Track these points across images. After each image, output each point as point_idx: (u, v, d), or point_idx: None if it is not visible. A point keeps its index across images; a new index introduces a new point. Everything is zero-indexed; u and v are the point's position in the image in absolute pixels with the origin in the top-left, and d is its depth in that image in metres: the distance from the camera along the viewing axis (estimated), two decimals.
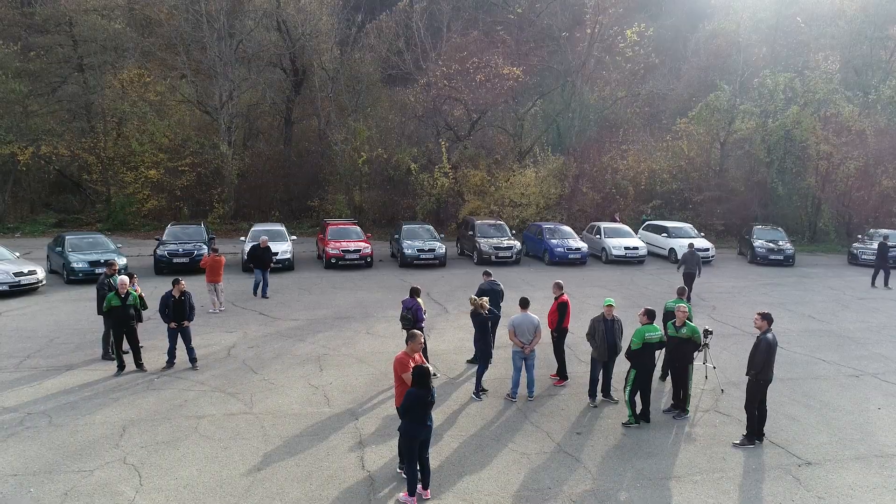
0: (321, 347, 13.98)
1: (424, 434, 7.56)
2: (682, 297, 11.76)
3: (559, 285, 11.91)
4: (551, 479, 8.28)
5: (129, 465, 8.44)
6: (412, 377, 7.54)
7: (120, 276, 12.31)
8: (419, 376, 7.47)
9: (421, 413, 7.47)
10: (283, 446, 9.10)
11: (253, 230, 24.76)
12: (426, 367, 7.59)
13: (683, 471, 8.59)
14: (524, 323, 11.10)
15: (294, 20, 37.99)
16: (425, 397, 7.45)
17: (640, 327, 9.94)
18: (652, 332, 9.86)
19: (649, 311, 10.03)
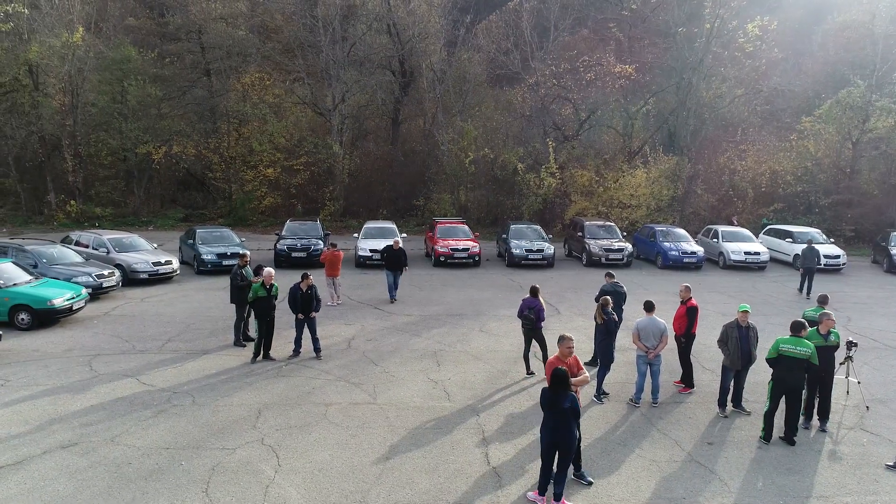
0: (436, 343, 14.16)
1: (552, 437, 7.38)
2: (823, 306, 10.99)
3: (688, 288, 11.43)
4: (685, 490, 7.97)
5: (266, 447, 8.87)
6: (550, 380, 7.43)
7: (266, 269, 12.94)
8: (553, 378, 7.36)
9: (548, 415, 7.36)
10: (408, 437, 9.28)
11: (365, 227, 25.51)
12: (562, 370, 7.42)
13: (831, 491, 8.03)
14: (649, 327, 10.77)
15: (404, 23, 38.77)
16: (552, 399, 7.32)
17: (781, 338, 9.38)
18: (790, 346, 9.20)
19: (795, 323, 9.38)
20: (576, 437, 7.40)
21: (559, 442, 7.40)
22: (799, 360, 9.10)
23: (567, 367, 7.87)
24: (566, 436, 7.33)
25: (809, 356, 9.10)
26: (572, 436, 7.32)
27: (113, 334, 14.37)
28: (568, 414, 7.31)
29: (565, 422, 7.33)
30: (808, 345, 9.14)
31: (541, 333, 12.02)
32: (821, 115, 32.23)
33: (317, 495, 7.63)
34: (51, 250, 18.32)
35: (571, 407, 7.28)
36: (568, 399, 7.30)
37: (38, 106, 34.05)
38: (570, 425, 7.31)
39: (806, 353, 9.09)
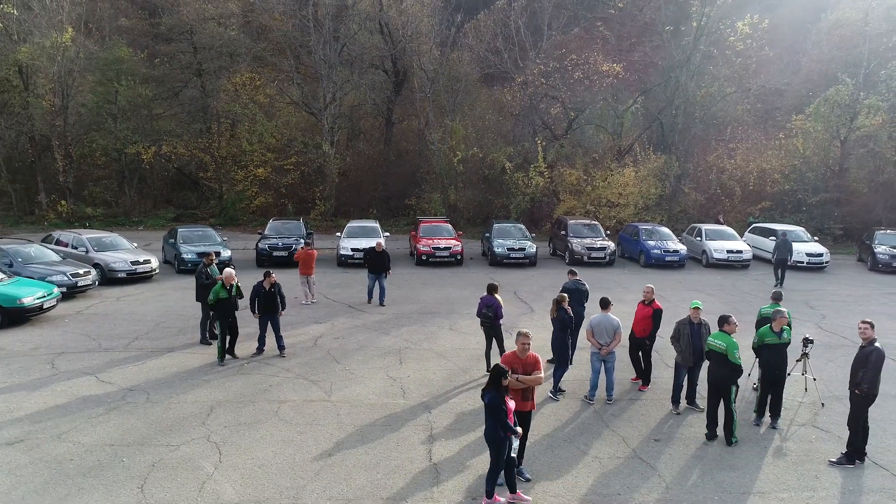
0: (403, 341, 14.18)
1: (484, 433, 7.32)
2: (777, 302, 10.96)
3: (652, 289, 11.39)
4: (622, 486, 7.96)
5: (211, 443, 8.90)
6: (489, 377, 7.30)
7: (227, 270, 12.96)
8: (493, 377, 7.24)
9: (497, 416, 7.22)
10: (355, 434, 9.30)
11: (348, 226, 25.56)
12: (501, 367, 7.36)
13: (769, 487, 8.01)
14: (603, 323, 10.77)
15: (396, 23, 38.79)
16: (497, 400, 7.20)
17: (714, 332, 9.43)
18: (713, 340, 9.22)
19: (722, 317, 9.36)
20: (498, 435, 7.20)
21: (485, 437, 7.36)
22: (719, 354, 9.08)
23: (522, 364, 7.87)
24: (488, 432, 7.27)
25: (724, 350, 9.02)
26: (490, 433, 7.23)
27: (82, 333, 14.43)
28: (487, 410, 7.25)
29: (487, 418, 7.29)
30: (724, 339, 9.08)
31: (500, 331, 12.03)
32: (810, 113, 32.10)
33: (252, 491, 7.65)
34: (27, 249, 18.42)
35: (489, 404, 7.19)
36: (486, 396, 7.24)
37: (29, 106, 34.17)
38: (489, 422, 7.24)
39: (721, 346, 9.05)
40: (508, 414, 7.29)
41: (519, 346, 7.99)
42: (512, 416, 7.36)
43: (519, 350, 7.97)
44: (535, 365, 7.92)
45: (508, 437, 7.27)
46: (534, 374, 7.87)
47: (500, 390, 7.23)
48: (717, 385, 9.21)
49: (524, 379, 7.78)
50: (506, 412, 7.25)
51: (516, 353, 7.97)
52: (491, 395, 7.22)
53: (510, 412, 7.35)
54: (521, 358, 7.90)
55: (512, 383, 7.69)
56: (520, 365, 7.84)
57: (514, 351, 8.03)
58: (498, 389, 7.22)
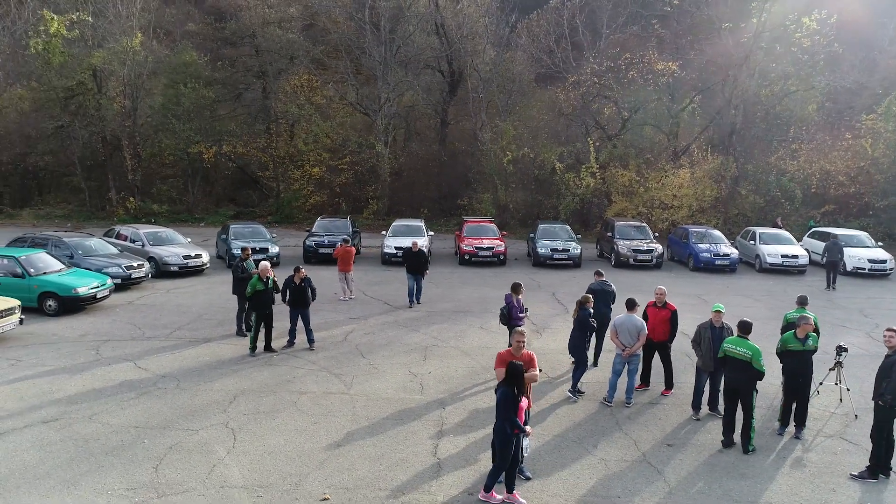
0: (432, 338, 14.32)
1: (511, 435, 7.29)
2: (804, 307, 10.52)
3: (664, 291, 11.15)
4: (623, 489, 7.85)
5: (228, 429, 9.27)
6: (505, 373, 7.35)
7: (262, 263, 13.39)
8: (509, 373, 7.27)
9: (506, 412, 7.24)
10: (366, 427, 9.49)
11: (394, 225, 25.93)
12: (519, 364, 7.41)
13: (778, 498, 7.73)
14: (626, 324, 10.64)
15: (451, 23, 38.96)
16: (512, 396, 7.25)
17: (730, 338, 9.10)
18: (732, 346, 8.88)
19: (742, 322, 9.06)
20: (503, 433, 7.22)
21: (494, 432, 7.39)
22: (740, 361, 8.79)
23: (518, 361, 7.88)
24: (497, 426, 7.31)
25: (750, 358, 8.74)
26: (498, 430, 7.26)
27: (129, 322, 15.21)
28: (496, 406, 7.30)
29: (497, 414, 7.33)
30: (750, 346, 8.80)
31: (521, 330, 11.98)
32: (881, 112, 30.49)
33: (257, 476, 7.94)
34: (87, 242, 19.51)
35: (498, 399, 7.25)
36: (500, 391, 7.30)
37: (101, 108, 36.11)
38: (497, 418, 7.28)
39: (746, 354, 8.76)
40: (520, 413, 7.32)
41: (514, 344, 8.02)
42: (523, 415, 7.38)
43: (514, 348, 8.00)
44: (530, 362, 7.94)
45: (516, 435, 7.29)
46: (529, 372, 7.86)
47: (514, 387, 7.25)
48: (735, 391, 8.95)
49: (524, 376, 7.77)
50: (516, 410, 7.27)
51: (510, 351, 8.00)
52: (503, 391, 7.27)
53: (521, 411, 7.37)
54: (516, 356, 7.92)
55: None
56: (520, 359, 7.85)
57: (510, 349, 8.06)
58: (511, 386, 7.24)
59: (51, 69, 34.95)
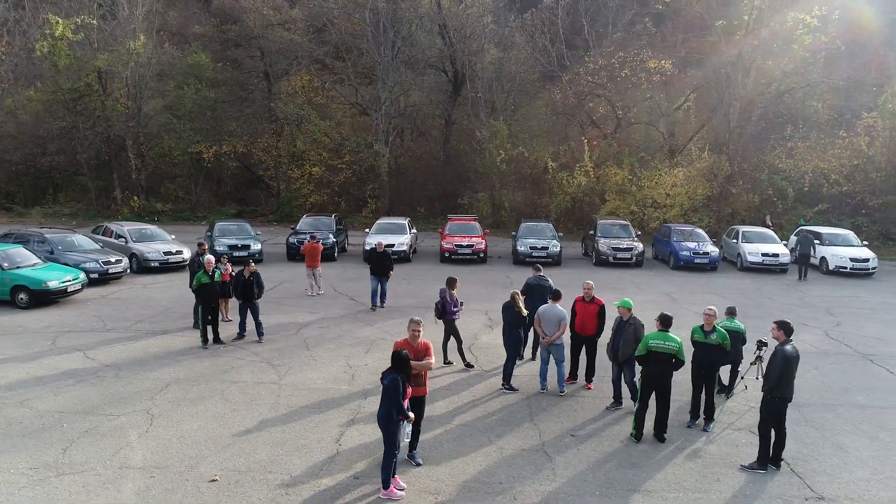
0: (383, 333, 14.58)
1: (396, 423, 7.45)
2: (732, 317, 10.51)
3: (591, 286, 11.25)
4: (508, 475, 8.02)
5: (149, 415, 9.62)
6: (391, 360, 7.52)
7: (207, 256, 13.82)
8: (395, 361, 7.46)
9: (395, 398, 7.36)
10: (283, 415, 9.78)
11: (377, 223, 26.24)
12: (404, 352, 7.59)
13: (660, 486, 7.84)
14: (548, 313, 10.87)
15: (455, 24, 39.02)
16: (400, 383, 7.40)
17: (650, 333, 9.17)
18: (658, 341, 8.94)
19: (664, 316, 9.16)
20: (389, 419, 7.37)
21: (378, 421, 7.56)
22: (667, 355, 8.88)
23: (413, 351, 8.11)
24: (381, 414, 7.45)
25: (676, 351, 8.86)
26: (383, 416, 7.42)
27: (95, 315, 15.72)
28: (384, 392, 7.46)
29: (383, 400, 7.47)
30: (674, 339, 8.90)
31: (452, 325, 12.23)
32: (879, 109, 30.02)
33: (158, 458, 8.27)
34: (69, 239, 20.16)
35: (387, 385, 7.38)
36: (386, 378, 7.46)
37: (106, 109, 37.04)
38: (384, 404, 7.45)
39: (672, 347, 8.86)
40: (405, 398, 7.52)
41: (410, 333, 8.22)
42: (406, 402, 7.58)
43: (410, 337, 8.21)
44: (426, 351, 8.15)
45: (401, 422, 7.49)
46: (424, 360, 8.09)
47: (401, 374, 7.43)
48: (658, 385, 9.02)
49: (415, 365, 7.99)
50: (405, 396, 7.46)
51: (407, 340, 8.20)
52: (391, 378, 7.43)
53: (406, 396, 7.57)
54: (412, 344, 8.13)
55: None
56: (411, 351, 8.05)
57: (406, 338, 8.26)
58: (398, 373, 7.43)
59: (57, 71, 35.97)
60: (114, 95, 37.85)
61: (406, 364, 7.42)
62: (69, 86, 36.66)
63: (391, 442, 7.42)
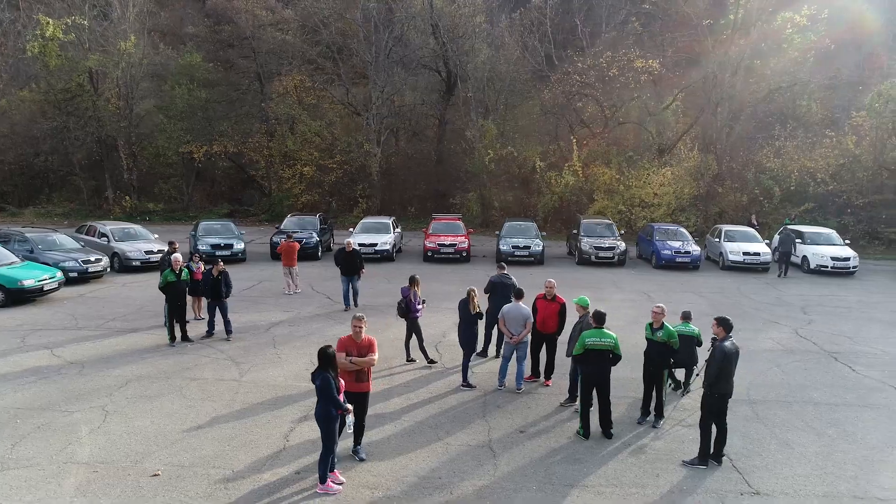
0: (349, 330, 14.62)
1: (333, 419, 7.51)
2: (687, 321, 10.53)
3: (553, 284, 11.31)
4: (450, 472, 8.08)
5: (105, 412, 9.71)
6: (318, 359, 7.55)
7: (174, 255, 13.91)
8: (321, 358, 7.51)
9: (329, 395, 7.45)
10: (237, 411, 9.86)
11: (361, 222, 26.39)
12: (329, 349, 7.67)
13: (599, 481, 7.90)
14: (513, 312, 10.90)
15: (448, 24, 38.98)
16: (331, 379, 7.47)
17: (586, 331, 9.23)
18: (594, 338, 8.99)
19: (598, 313, 9.23)
20: (327, 416, 7.43)
21: (316, 417, 7.65)
22: (603, 351, 8.94)
23: (357, 347, 8.18)
24: (318, 411, 7.54)
25: (612, 347, 8.93)
26: (321, 414, 7.50)
27: (69, 313, 15.82)
28: (318, 392, 7.54)
29: (318, 399, 7.56)
30: (610, 335, 8.97)
31: (416, 323, 12.30)
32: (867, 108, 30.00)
33: (104, 454, 8.35)
34: (50, 238, 20.29)
35: (319, 386, 7.49)
36: (317, 378, 7.55)
37: (98, 109, 37.20)
38: (318, 403, 7.53)
39: (609, 343, 8.92)
40: (339, 392, 7.60)
41: (353, 330, 8.28)
42: (342, 395, 7.66)
43: (353, 333, 8.27)
44: (369, 347, 8.21)
45: (340, 416, 7.57)
46: (367, 357, 8.16)
47: (330, 372, 7.51)
48: (598, 382, 9.09)
49: (357, 361, 8.07)
50: (337, 391, 7.54)
51: (351, 337, 8.26)
52: (321, 378, 7.50)
53: (340, 391, 7.65)
54: (355, 341, 8.19)
55: (346, 365, 8.01)
56: (354, 347, 8.13)
57: (350, 335, 8.32)
58: (327, 371, 7.50)
59: (49, 72, 36.15)
60: (105, 96, 38.01)
61: (332, 360, 7.49)
62: (61, 86, 36.83)
63: (329, 438, 7.50)
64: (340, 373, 7.85)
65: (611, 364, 9.05)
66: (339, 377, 7.62)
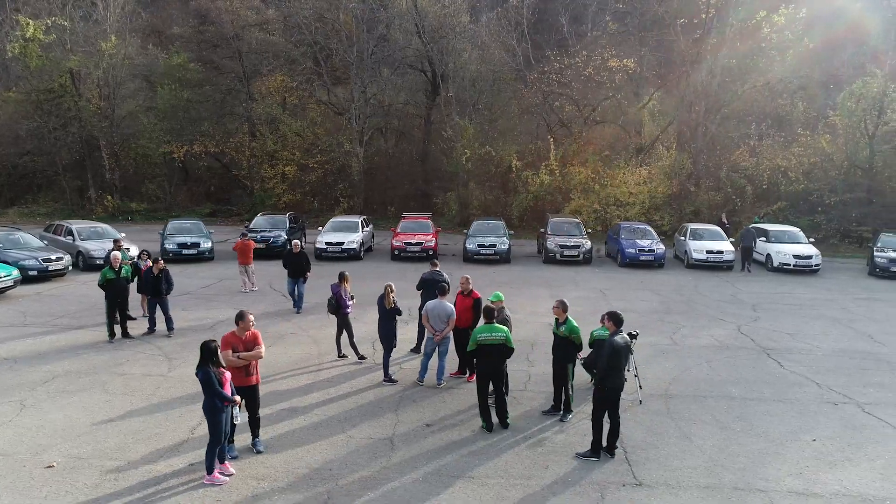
0: (295, 327, 14.83)
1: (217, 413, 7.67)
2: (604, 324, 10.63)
3: (468, 279, 11.46)
4: (342, 464, 8.20)
5: (22, 406, 9.86)
6: (200, 353, 7.71)
7: (113, 252, 14.08)
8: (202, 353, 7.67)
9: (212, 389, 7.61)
10: (154, 405, 10.00)
11: (331, 221, 26.55)
12: (211, 343, 7.82)
13: (486, 472, 8.02)
14: (437, 309, 11.02)
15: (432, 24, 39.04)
16: (213, 373, 7.65)
17: (478, 327, 9.37)
18: (486, 333, 9.12)
19: (487, 308, 9.37)
20: (213, 408, 7.58)
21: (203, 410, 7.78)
22: (495, 346, 9.07)
23: (242, 343, 8.31)
24: (205, 404, 7.69)
25: (504, 340, 9.07)
26: (207, 406, 7.65)
27: (20, 310, 16.00)
28: (202, 387, 7.69)
29: (204, 393, 7.68)
30: (501, 329, 9.12)
31: (346, 319, 12.43)
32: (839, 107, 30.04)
33: (7, 446, 8.49)
34: (14, 236, 20.51)
35: (202, 380, 7.62)
36: (199, 373, 7.66)
37: (80, 110, 37.44)
38: (206, 396, 7.68)
39: (500, 338, 9.07)
40: (225, 385, 7.74)
41: (238, 328, 8.39)
42: (228, 388, 7.80)
43: (238, 330, 8.39)
44: (254, 341, 8.35)
45: (227, 408, 7.72)
46: (254, 350, 8.29)
47: (211, 365, 7.65)
48: (491, 375, 9.23)
49: (244, 356, 8.20)
50: (221, 384, 7.69)
51: (234, 333, 8.38)
52: (203, 372, 7.65)
53: (227, 383, 7.79)
54: (240, 337, 8.31)
55: (234, 362, 8.15)
56: (240, 343, 8.26)
57: (234, 331, 8.44)
58: (207, 364, 7.65)
59: (30, 72, 36.40)
60: (86, 96, 38.23)
61: (214, 353, 7.63)
62: (43, 87, 37.07)
63: (216, 430, 7.64)
64: (230, 368, 8.00)
65: (504, 358, 9.19)
66: (222, 370, 7.74)
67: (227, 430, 7.89)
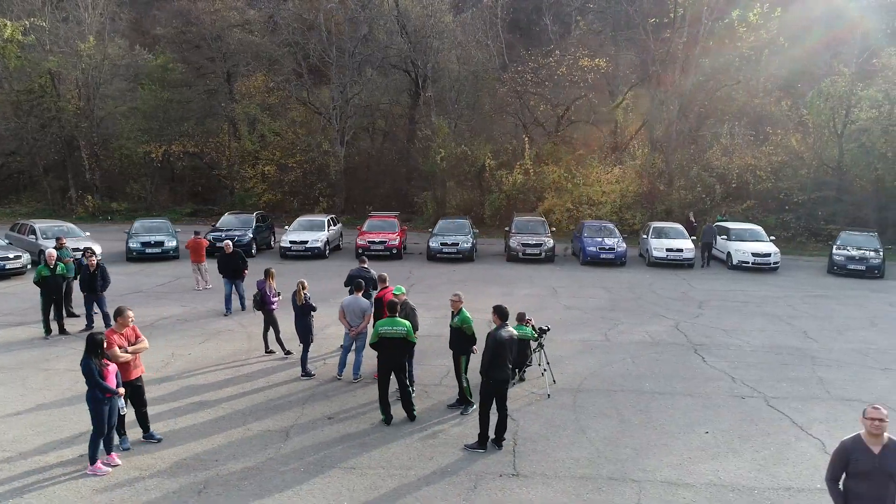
0: (233, 324, 14.99)
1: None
2: (521, 323, 10.78)
3: (383, 278, 11.64)
4: (229, 455, 8.35)
5: None
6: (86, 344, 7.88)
7: (48, 250, 14.27)
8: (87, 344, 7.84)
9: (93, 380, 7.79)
10: (66, 399, 10.16)
11: (298, 220, 26.73)
12: (97, 335, 7.99)
13: (370, 463, 8.17)
14: (352, 305, 11.19)
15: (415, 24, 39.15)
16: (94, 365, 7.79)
17: (380, 320, 9.54)
18: (387, 327, 9.29)
19: (390, 302, 9.54)
20: (94, 399, 7.74)
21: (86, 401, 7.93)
22: (396, 339, 9.22)
23: (126, 338, 8.48)
24: (87, 396, 7.85)
25: (405, 334, 9.23)
26: (88, 397, 7.81)
27: None
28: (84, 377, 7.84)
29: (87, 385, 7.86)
30: (402, 323, 9.27)
31: (272, 315, 12.59)
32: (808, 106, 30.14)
33: None
34: None
35: (84, 372, 7.77)
36: (82, 364, 7.81)
37: (60, 110, 37.69)
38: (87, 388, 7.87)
39: (401, 332, 9.22)
40: (109, 377, 7.90)
41: (117, 324, 8.56)
42: (113, 379, 7.95)
43: (117, 326, 8.56)
44: (135, 336, 8.54)
45: (110, 399, 7.89)
46: (138, 344, 8.49)
47: (92, 357, 7.81)
48: (392, 367, 9.38)
49: (133, 349, 8.39)
50: (103, 376, 7.83)
51: (114, 330, 8.54)
52: (83, 363, 7.81)
53: (111, 375, 7.94)
54: (121, 333, 8.47)
55: (124, 357, 8.31)
56: (123, 339, 8.42)
57: (113, 327, 8.62)
58: (89, 356, 7.82)
59: (8, 73, 36.67)
60: (66, 97, 38.48)
61: (97, 345, 7.79)
62: (22, 87, 37.34)
63: (98, 421, 7.81)
64: (119, 363, 8.17)
65: (405, 351, 9.35)
66: (106, 362, 7.90)
67: (113, 421, 8.05)
